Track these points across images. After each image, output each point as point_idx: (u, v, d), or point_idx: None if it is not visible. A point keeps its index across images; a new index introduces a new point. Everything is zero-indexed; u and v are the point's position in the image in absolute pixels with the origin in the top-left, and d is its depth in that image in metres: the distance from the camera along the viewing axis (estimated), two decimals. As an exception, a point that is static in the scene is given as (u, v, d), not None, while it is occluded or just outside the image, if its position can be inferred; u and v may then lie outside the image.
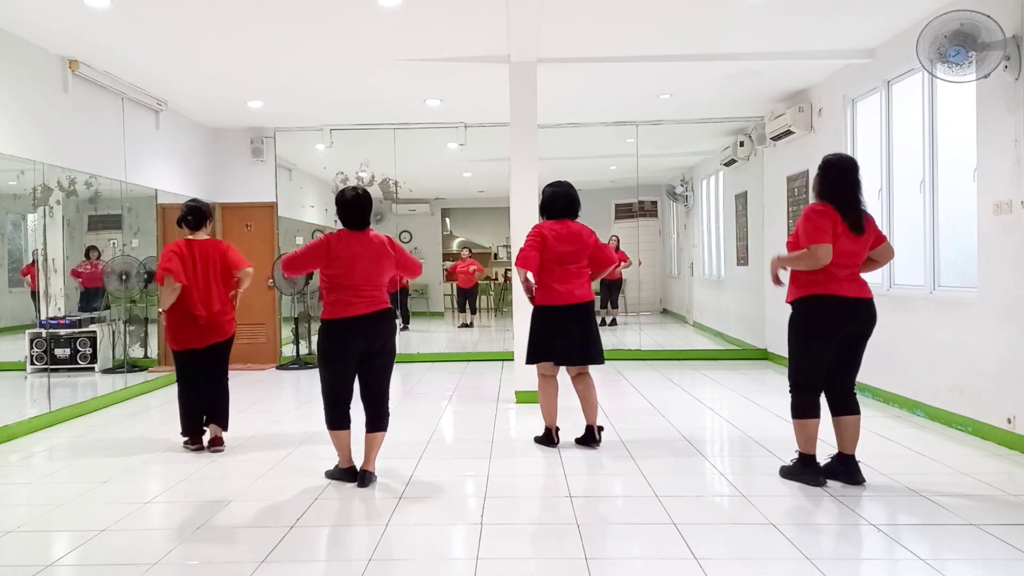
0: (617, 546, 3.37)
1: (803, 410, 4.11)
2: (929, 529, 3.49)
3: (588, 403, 5.06)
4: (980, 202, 5.18)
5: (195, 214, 5.23)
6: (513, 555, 3.33)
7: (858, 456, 4.11)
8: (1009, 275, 4.88)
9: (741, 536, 3.47)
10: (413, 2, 5.42)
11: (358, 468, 4.35)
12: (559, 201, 5.02)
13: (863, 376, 6.64)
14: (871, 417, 5.90)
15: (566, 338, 4.92)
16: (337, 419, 4.30)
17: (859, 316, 4.05)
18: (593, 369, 5.13)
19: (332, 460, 4.68)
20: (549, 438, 5.09)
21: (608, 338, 11.64)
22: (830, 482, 4.13)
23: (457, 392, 7.49)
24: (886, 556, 3.25)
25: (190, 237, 5.20)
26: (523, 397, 6.67)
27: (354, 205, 4.29)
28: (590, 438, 5.07)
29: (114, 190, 7.60)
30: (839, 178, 4.06)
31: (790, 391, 4.18)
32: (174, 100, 8.20)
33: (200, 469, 4.72)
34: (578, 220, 5.10)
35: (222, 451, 5.15)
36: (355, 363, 4.29)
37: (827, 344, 4.05)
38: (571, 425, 5.18)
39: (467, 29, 6.05)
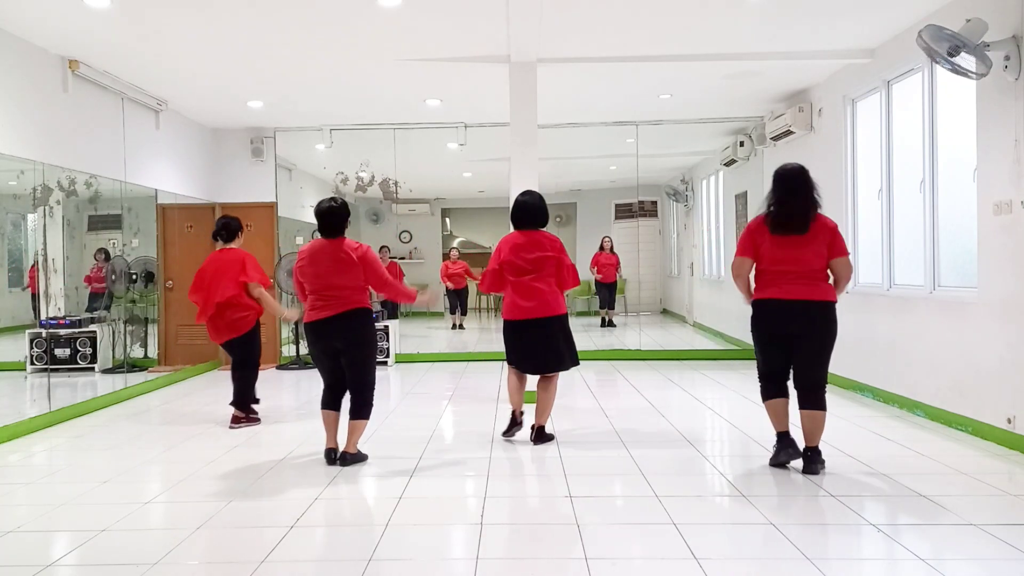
0: (617, 546, 3.37)
1: (764, 394, 4.55)
2: (929, 529, 3.49)
3: (539, 404, 5.18)
4: (980, 202, 5.18)
5: (226, 229, 6.00)
6: (513, 555, 3.33)
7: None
8: (1009, 275, 4.88)
9: (741, 536, 3.47)
10: (413, 2, 5.42)
11: (337, 448, 4.72)
12: (514, 211, 5.22)
13: (864, 376, 6.73)
14: (871, 417, 5.91)
15: (522, 350, 5.13)
16: (324, 400, 4.79)
17: (793, 318, 4.33)
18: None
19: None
20: (513, 421, 5.31)
21: (608, 338, 11.68)
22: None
23: (457, 392, 7.49)
24: (886, 556, 3.25)
25: (222, 247, 5.96)
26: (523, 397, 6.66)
27: (326, 215, 4.66)
28: (531, 435, 5.23)
29: (114, 190, 7.60)
30: (774, 184, 4.44)
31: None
32: (174, 100, 8.20)
33: (200, 469, 4.72)
34: (545, 230, 5.20)
35: (237, 428, 5.81)
36: (332, 360, 4.70)
37: (767, 342, 4.47)
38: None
39: (467, 29, 6.05)
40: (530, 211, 5.17)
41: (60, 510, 3.99)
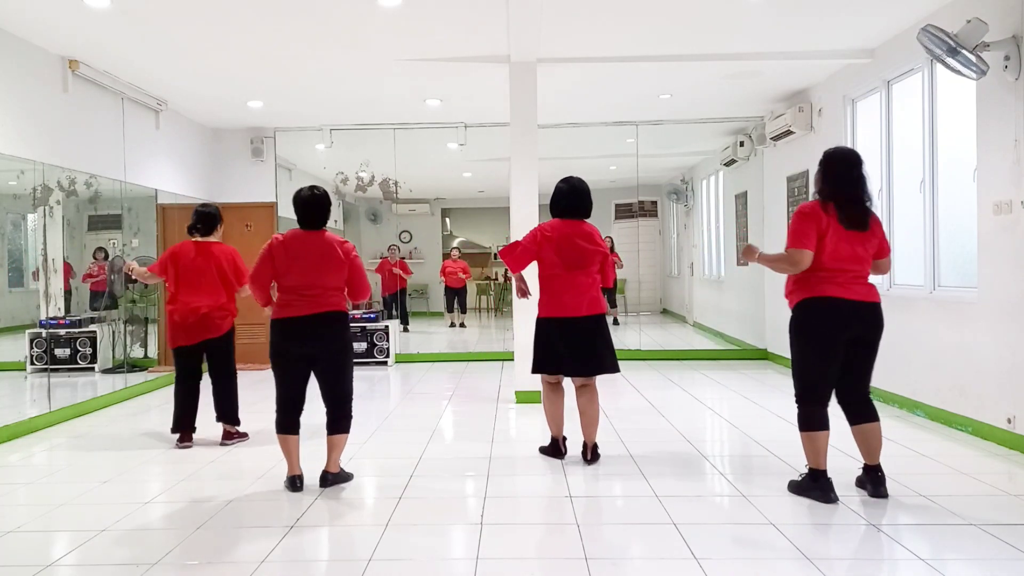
0: (617, 546, 3.37)
1: (808, 422, 3.86)
2: (929, 529, 3.49)
3: (585, 418, 4.65)
4: (980, 202, 5.18)
5: (204, 221, 5.32)
6: (513, 555, 3.33)
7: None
8: (1009, 275, 4.89)
9: (741, 536, 3.47)
10: (413, 2, 5.42)
11: (302, 475, 4.27)
12: (562, 200, 4.64)
13: (863, 376, 6.71)
14: (871, 417, 5.91)
15: (566, 350, 4.55)
16: (281, 423, 4.24)
17: (859, 320, 3.79)
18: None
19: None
20: (556, 449, 4.78)
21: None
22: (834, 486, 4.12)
23: (457, 392, 7.49)
24: (886, 556, 3.25)
25: (199, 240, 5.30)
26: (523, 397, 6.68)
27: (308, 204, 4.21)
28: (583, 454, 4.68)
29: (114, 190, 7.60)
30: (842, 172, 3.81)
31: (796, 403, 3.93)
32: (174, 100, 8.20)
33: (200, 469, 4.72)
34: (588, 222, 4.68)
35: (232, 444, 5.31)
36: (301, 367, 4.19)
37: (825, 351, 3.80)
38: (566, 423, 5.14)
39: (467, 29, 6.05)
40: (579, 196, 4.61)
41: (60, 510, 3.99)
